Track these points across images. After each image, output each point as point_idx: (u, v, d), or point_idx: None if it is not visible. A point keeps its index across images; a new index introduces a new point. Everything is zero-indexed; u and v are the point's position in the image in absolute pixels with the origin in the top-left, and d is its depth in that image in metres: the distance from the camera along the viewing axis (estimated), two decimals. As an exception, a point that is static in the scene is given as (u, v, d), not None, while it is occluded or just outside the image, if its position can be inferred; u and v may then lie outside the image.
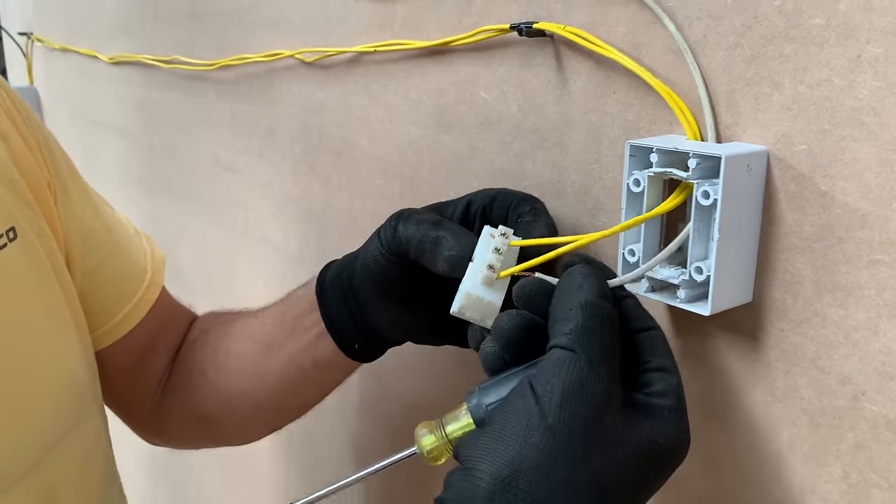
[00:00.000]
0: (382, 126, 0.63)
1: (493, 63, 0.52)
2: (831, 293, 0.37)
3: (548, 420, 0.34)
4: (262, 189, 0.83)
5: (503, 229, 0.43)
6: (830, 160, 0.36)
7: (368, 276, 0.50)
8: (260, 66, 0.77)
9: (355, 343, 0.53)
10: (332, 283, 0.53)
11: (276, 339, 0.57)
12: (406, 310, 0.50)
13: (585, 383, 0.34)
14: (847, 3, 0.34)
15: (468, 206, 0.48)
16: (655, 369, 0.37)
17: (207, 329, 0.63)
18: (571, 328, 0.36)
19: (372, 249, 0.49)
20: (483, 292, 0.41)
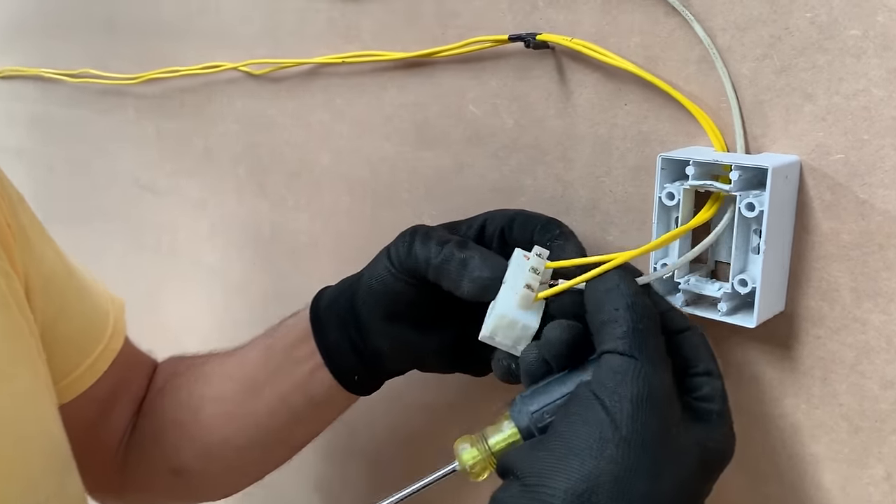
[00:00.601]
0: (349, 142, 0.60)
1: (484, 76, 0.50)
2: (872, 299, 0.37)
3: (622, 431, 0.33)
4: (194, 210, 0.77)
5: (539, 250, 0.41)
6: (869, 169, 0.36)
7: (374, 298, 0.46)
8: (194, 79, 0.72)
9: (354, 374, 0.50)
10: (330, 307, 0.50)
11: (261, 378, 0.53)
12: (415, 335, 0.47)
13: (653, 392, 0.34)
14: (885, 16, 0.35)
15: (483, 227, 0.46)
16: (702, 373, 0.37)
17: (175, 374, 0.58)
18: (624, 331, 0.35)
19: (380, 269, 0.46)
20: (519, 315, 0.39)
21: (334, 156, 0.62)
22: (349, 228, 0.62)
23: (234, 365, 0.55)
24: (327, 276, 0.66)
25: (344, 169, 0.61)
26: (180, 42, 0.72)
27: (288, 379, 0.51)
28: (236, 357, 0.55)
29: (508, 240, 0.46)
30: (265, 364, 0.53)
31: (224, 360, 0.56)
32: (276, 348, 0.52)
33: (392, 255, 0.45)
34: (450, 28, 0.51)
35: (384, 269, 0.46)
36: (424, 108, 0.54)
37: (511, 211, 0.46)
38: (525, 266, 0.40)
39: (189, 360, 0.59)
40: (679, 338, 0.37)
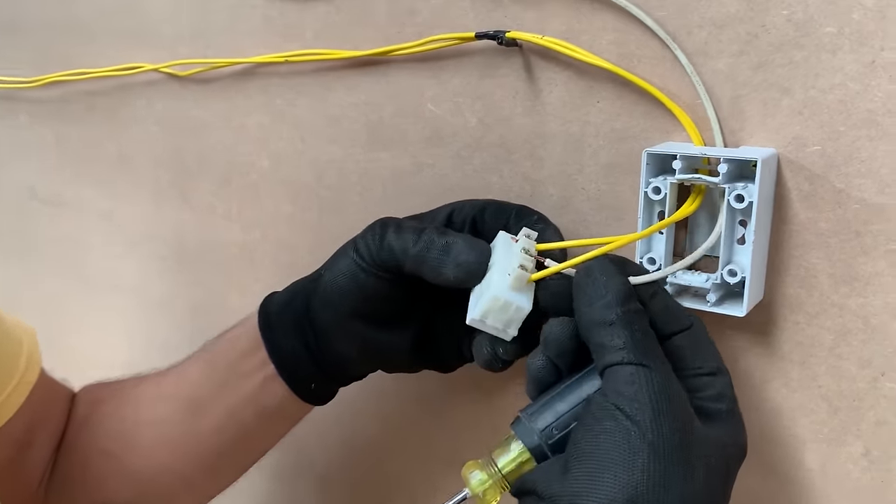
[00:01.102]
0: (291, 145, 0.58)
1: (444, 74, 0.49)
2: (849, 284, 0.39)
3: (647, 437, 0.32)
4: (105, 224, 0.72)
5: (527, 231, 0.41)
6: (846, 159, 0.38)
7: (339, 297, 0.44)
8: (105, 82, 0.67)
9: (311, 382, 0.47)
10: (282, 312, 0.47)
11: (204, 395, 0.49)
12: (383, 333, 0.45)
13: (669, 394, 0.34)
14: (860, 13, 0.36)
15: (450, 217, 0.45)
16: (707, 373, 0.37)
17: (98, 401, 0.53)
18: (624, 341, 0.35)
19: (345, 266, 0.44)
20: (512, 296, 0.39)
21: (274, 160, 0.59)
22: (292, 237, 0.60)
23: (171, 385, 0.51)
24: (267, 289, 0.62)
25: (285, 174, 0.58)
26: (92, 43, 0.67)
27: (235, 393, 0.48)
28: (173, 376, 0.51)
29: (481, 229, 0.45)
30: (208, 380, 0.49)
31: (158, 381, 0.52)
32: (220, 362, 0.49)
33: (361, 249, 0.43)
34: (407, 26, 0.50)
35: (352, 264, 0.43)
36: (378, 107, 0.53)
37: (480, 200, 0.45)
38: (514, 248, 0.40)
39: (115, 385, 0.54)
40: (682, 336, 0.38)
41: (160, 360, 0.72)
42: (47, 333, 0.82)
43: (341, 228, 0.56)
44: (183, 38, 0.61)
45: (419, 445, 0.58)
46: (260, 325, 0.47)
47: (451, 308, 0.44)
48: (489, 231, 0.44)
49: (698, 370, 0.37)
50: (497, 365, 0.41)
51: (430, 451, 0.58)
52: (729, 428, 0.36)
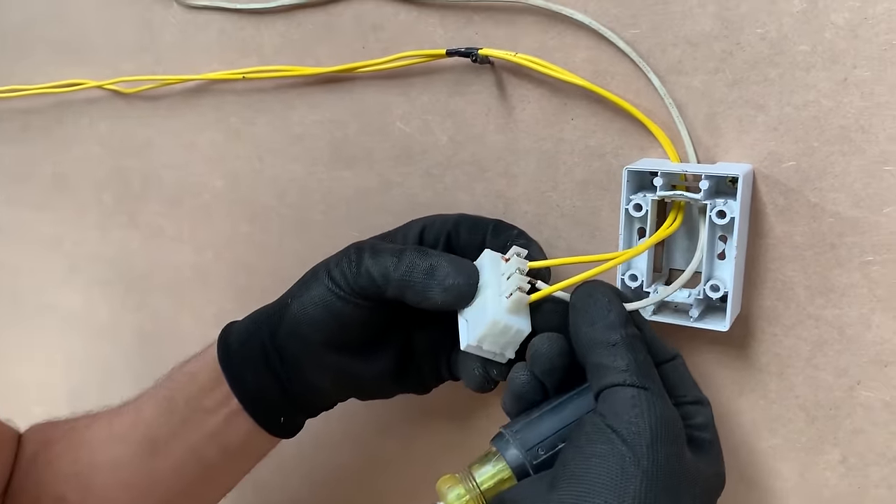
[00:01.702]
0: (248, 164, 0.56)
1: (412, 92, 0.48)
2: (824, 296, 0.40)
3: (642, 464, 0.32)
4: (45, 249, 0.68)
5: (518, 250, 0.40)
6: (820, 174, 0.39)
7: (312, 327, 0.42)
8: (41, 99, 0.63)
9: (280, 415, 0.45)
10: (245, 345, 0.44)
11: (162, 435, 0.46)
12: (358, 361, 0.43)
13: (669, 420, 0.34)
14: (832, 32, 0.37)
15: (422, 234, 0.44)
16: (692, 402, 0.37)
17: (48, 441, 0.49)
18: (627, 363, 0.35)
19: (317, 293, 0.41)
20: (511, 320, 0.38)
21: (229, 180, 0.57)
22: (250, 259, 0.57)
23: (127, 424, 0.48)
24: (222, 312, 0.60)
25: (242, 193, 0.56)
26: (25, 57, 0.63)
27: (197, 431, 0.46)
28: (128, 415, 0.48)
29: (456, 245, 0.44)
30: (166, 418, 0.46)
31: (112, 420, 0.49)
32: (178, 399, 0.46)
33: (336, 275, 0.41)
34: (371, 41, 0.49)
35: (325, 292, 0.41)
36: (343, 125, 0.51)
37: (452, 215, 0.44)
38: (506, 268, 0.39)
39: (66, 425, 0.51)
40: (666, 367, 0.38)
41: (106, 390, 0.69)
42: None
43: (304, 249, 0.55)
44: (127, 52, 0.58)
45: (388, 477, 0.57)
46: (220, 358, 0.45)
47: (428, 328, 0.44)
48: (465, 247, 0.43)
49: (684, 398, 0.37)
50: (489, 387, 0.40)
51: (400, 482, 0.56)
52: (711, 458, 0.36)
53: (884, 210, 0.38)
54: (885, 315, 0.39)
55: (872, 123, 0.37)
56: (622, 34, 0.42)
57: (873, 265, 0.39)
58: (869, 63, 0.37)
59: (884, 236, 0.38)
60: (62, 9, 0.60)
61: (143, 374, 0.66)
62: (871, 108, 0.37)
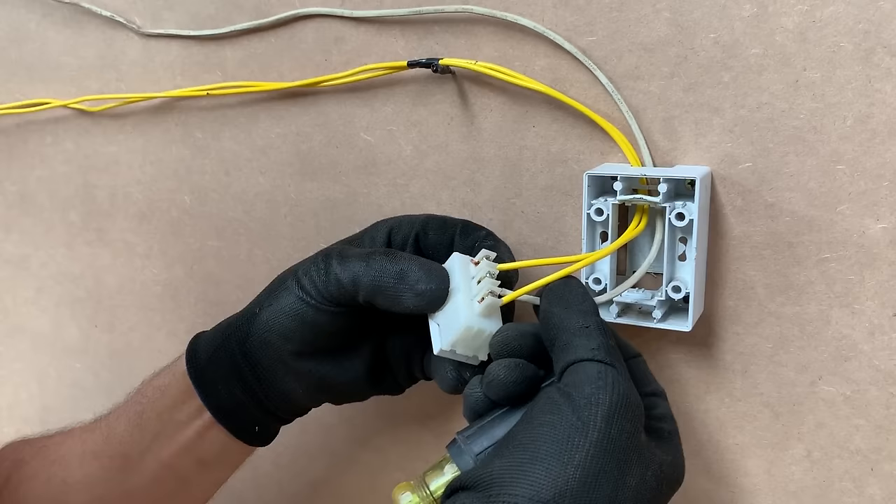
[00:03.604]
0: (215, 178, 0.56)
1: (375, 103, 0.49)
2: (784, 293, 0.41)
3: (591, 436, 0.32)
4: (12, 269, 0.67)
5: (487, 253, 0.40)
6: (775, 174, 0.40)
7: (282, 335, 0.42)
8: (3, 119, 0.63)
9: (255, 425, 0.45)
10: (214, 356, 0.44)
11: (136, 448, 0.46)
12: (331, 367, 0.43)
13: (630, 400, 0.34)
14: (782, 35, 0.38)
15: (389, 236, 0.44)
16: (651, 394, 0.38)
17: (21, 461, 0.49)
18: (599, 343, 0.35)
19: (286, 302, 0.41)
20: (484, 324, 0.38)
21: (197, 195, 0.57)
22: (220, 272, 0.57)
23: (99, 441, 0.48)
24: (193, 327, 0.60)
25: (210, 208, 0.56)
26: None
27: (170, 445, 0.45)
28: (99, 432, 0.48)
29: (424, 246, 0.44)
30: (139, 434, 0.46)
31: (85, 437, 0.49)
32: (149, 414, 0.46)
33: (305, 283, 0.41)
34: (334, 54, 0.49)
35: (295, 300, 0.41)
36: (308, 137, 0.51)
37: (419, 216, 0.44)
38: (476, 272, 0.39)
39: (38, 443, 0.50)
40: (630, 362, 0.38)
41: (77, 408, 0.68)
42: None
43: (273, 261, 0.55)
44: (90, 71, 0.58)
45: (363, 485, 0.57)
46: (189, 371, 0.44)
47: (399, 330, 0.44)
48: (433, 248, 0.43)
49: (644, 388, 0.38)
50: (462, 388, 0.41)
51: (375, 490, 0.56)
52: (670, 449, 0.36)
53: (837, 208, 0.39)
54: (842, 311, 0.40)
55: (824, 123, 0.38)
56: (578, 42, 0.42)
57: (830, 262, 0.40)
58: (819, 65, 0.38)
59: (838, 234, 0.39)
60: (22, 29, 0.60)
61: (115, 392, 0.65)
62: (822, 108, 0.38)
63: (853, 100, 0.38)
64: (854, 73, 0.37)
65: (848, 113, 0.38)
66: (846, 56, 0.37)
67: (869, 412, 0.40)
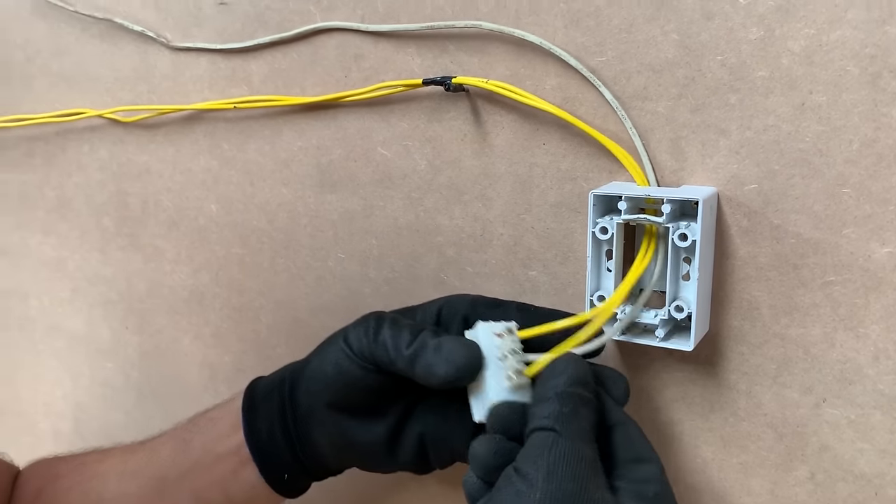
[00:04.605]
0: (240, 189, 0.57)
1: (392, 118, 0.50)
2: (789, 315, 0.41)
3: (536, 496, 0.33)
4: (50, 271, 0.70)
5: (506, 325, 0.41)
6: (781, 196, 0.40)
7: (322, 384, 0.43)
8: (44, 128, 0.66)
9: (285, 471, 0.46)
10: (268, 396, 0.46)
11: (174, 473, 0.47)
12: (357, 424, 0.44)
13: (569, 457, 0.34)
14: (789, 58, 0.38)
15: (440, 312, 0.45)
16: (633, 460, 0.38)
17: (56, 476, 0.50)
18: (549, 412, 0.36)
19: (333, 355, 0.43)
20: (514, 396, 0.39)
21: (223, 204, 0.58)
22: (243, 280, 0.59)
23: (142, 461, 0.49)
24: (218, 332, 0.62)
25: (235, 217, 0.58)
26: (29, 88, 0.66)
27: (205, 475, 0.46)
28: (143, 452, 0.49)
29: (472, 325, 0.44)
30: (181, 460, 0.48)
31: (126, 457, 0.50)
32: (195, 442, 0.48)
33: (352, 341, 0.43)
34: (353, 71, 0.51)
35: (341, 355, 0.43)
36: (328, 151, 0.53)
37: (469, 296, 0.45)
38: (501, 346, 0.40)
39: (75, 460, 0.52)
40: (616, 430, 0.38)
41: (108, 407, 0.71)
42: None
43: (293, 269, 0.57)
44: (124, 82, 0.61)
45: None
46: (243, 406, 0.46)
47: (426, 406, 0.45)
48: None
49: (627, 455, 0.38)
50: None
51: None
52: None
53: (843, 231, 0.39)
54: (847, 334, 0.40)
55: (830, 147, 0.38)
56: (588, 62, 0.43)
57: (834, 285, 0.40)
58: (825, 88, 0.38)
59: (843, 257, 0.39)
60: (63, 42, 0.63)
61: (144, 392, 0.68)
62: (828, 132, 0.38)
63: (859, 124, 0.38)
64: (860, 97, 0.37)
65: (854, 137, 0.38)
66: (852, 80, 0.37)
67: (873, 437, 0.40)
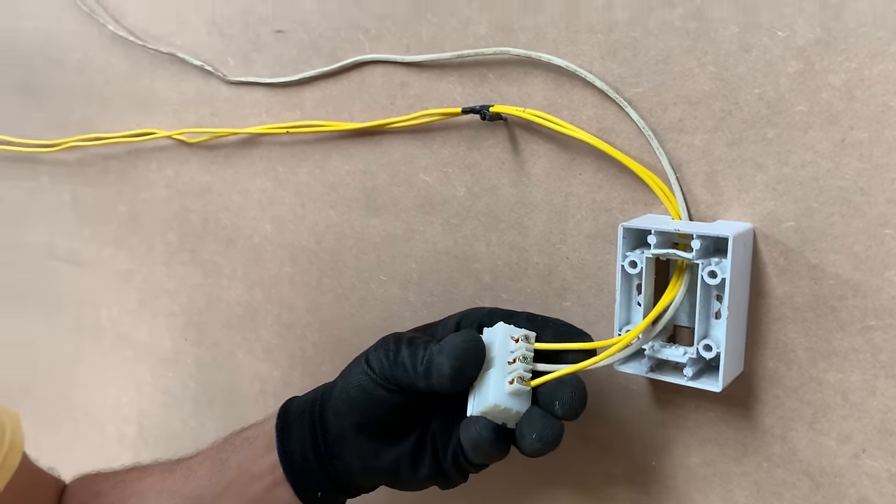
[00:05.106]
0: (292, 210, 0.59)
1: (434, 145, 0.51)
2: (826, 359, 0.39)
3: None
4: (120, 282, 0.74)
5: (524, 332, 0.41)
6: (819, 235, 0.38)
7: (348, 406, 0.44)
8: (118, 146, 0.69)
9: (318, 490, 0.46)
10: (300, 417, 0.47)
11: (210, 492, 0.48)
12: (383, 443, 0.45)
13: None
14: (829, 93, 0.37)
15: (458, 326, 0.45)
16: None
17: (99, 493, 0.52)
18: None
19: (357, 378, 0.44)
20: (511, 402, 0.40)
21: (276, 224, 0.60)
22: (293, 298, 0.61)
23: (179, 480, 0.50)
24: (268, 347, 0.64)
25: (287, 236, 0.60)
26: (106, 109, 0.70)
27: (240, 495, 0.47)
28: (181, 472, 0.51)
29: None
30: (217, 479, 0.49)
31: (164, 476, 0.52)
32: (231, 462, 0.49)
33: (373, 364, 0.44)
34: (398, 98, 0.52)
35: (363, 376, 0.44)
36: (373, 175, 0.54)
37: (486, 308, 0.46)
38: (514, 350, 0.40)
39: (116, 477, 0.53)
40: None
41: (168, 415, 0.73)
42: (62, 391, 0.84)
43: (338, 289, 0.58)
44: (189, 105, 0.63)
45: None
46: (277, 426, 0.47)
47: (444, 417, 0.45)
48: None
49: None
50: (485, 446, 0.41)
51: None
52: None
53: (885, 274, 0.37)
54: (889, 382, 0.38)
55: (871, 185, 0.37)
56: (625, 93, 0.43)
57: (875, 330, 0.38)
58: (867, 124, 0.36)
59: (885, 301, 0.37)
60: (136, 69, 0.66)
61: (200, 402, 0.70)
62: (870, 169, 0.37)
63: (903, 162, 0.36)
64: (904, 134, 0.36)
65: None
66: (895, 116, 0.36)
67: (916, 492, 0.38)
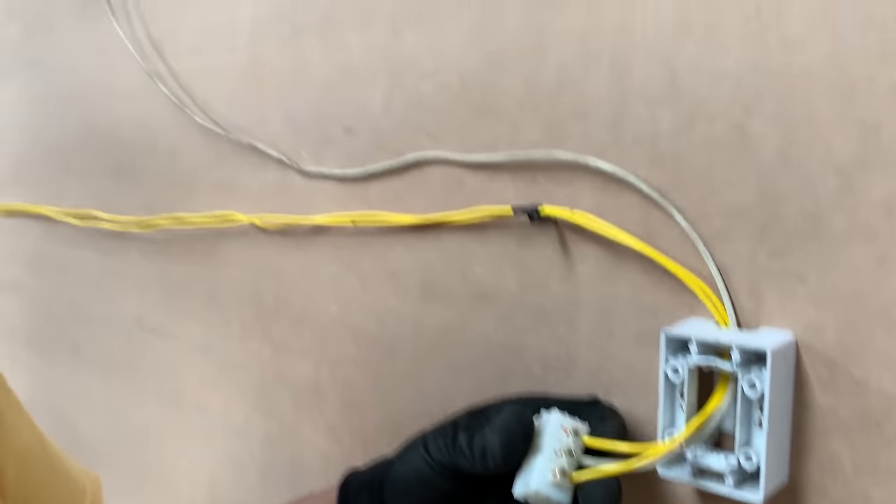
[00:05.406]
0: (356, 295, 0.62)
1: (488, 241, 0.53)
2: (872, 474, 0.39)
3: None
4: (199, 354, 0.78)
5: (576, 425, 0.43)
6: (862, 349, 0.38)
7: (405, 487, 0.46)
8: (202, 228, 0.74)
9: None
10: (360, 493, 0.49)
11: None
12: None
13: None
14: (868, 210, 0.37)
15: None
16: None
17: None
18: None
19: (414, 460, 0.46)
20: (553, 492, 0.41)
21: (342, 306, 0.63)
22: (355, 378, 0.63)
23: None
24: (332, 424, 0.66)
25: (351, 319, 0.63)
26: (192, 192, 0.75)
27: None
28: None
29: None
30: None
31: None
32: None
33: (431, 449, 0.45)
34: (455, 194, 0.54)
35: (420, 460, 0.46)
36: (430, 267, 0.56)
37: (537, 392, 0.47)
38: (563, 442, 0.42)
39: None
40: None
41: (237, 484, 0.77)
42: (141, 451, 0.89)
43: (396, 372, 0.60)
44: (267, 193, 0.68)
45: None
46: (339, 499, 0.49)
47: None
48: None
49: None
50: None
51: None
52: None
53: (930, 392, 0.37)
54: (937, 503, 0.37)
55: (914, 303, 0.37)
56: (672, 198, 0.44)
57: (922, 449, 0.37)
58: (907, 242, 0.37)
59: (932, 419, 0.37)
60: (220, 156, 0.72)
61: (267, 473, 0.73)
62: (912, 287, 0.37)
63: (945, 281, 0.36)
64: (946, 253, 0.36)
65: (940, 294, 0.36)
66: (936, 236, 0.36)
67: None
